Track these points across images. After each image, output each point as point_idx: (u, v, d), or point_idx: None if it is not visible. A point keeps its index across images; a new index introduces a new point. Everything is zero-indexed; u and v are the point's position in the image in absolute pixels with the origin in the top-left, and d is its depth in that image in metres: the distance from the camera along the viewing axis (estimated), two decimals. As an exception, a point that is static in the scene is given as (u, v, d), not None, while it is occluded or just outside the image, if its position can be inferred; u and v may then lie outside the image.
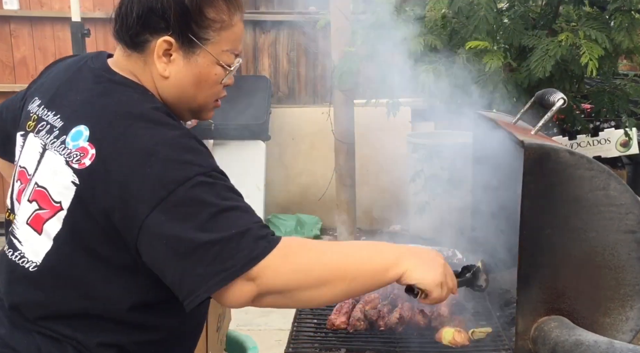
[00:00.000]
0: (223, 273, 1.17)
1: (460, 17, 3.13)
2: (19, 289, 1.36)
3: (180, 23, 1.31)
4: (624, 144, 4.22)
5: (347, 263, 1.28)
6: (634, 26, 2.89)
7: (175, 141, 1.24)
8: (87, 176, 1.26)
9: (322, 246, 1.31)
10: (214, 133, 5.22)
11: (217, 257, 1.17)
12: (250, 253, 1.18)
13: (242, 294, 1.20)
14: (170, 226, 1.18)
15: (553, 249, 1.59)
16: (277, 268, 1.20)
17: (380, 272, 1.31)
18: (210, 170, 1.24)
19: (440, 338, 1.79)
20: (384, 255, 1.34)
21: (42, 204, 1.32)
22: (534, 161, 1.55)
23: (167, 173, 1.20)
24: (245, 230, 1.19)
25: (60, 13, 5.26)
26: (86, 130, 1.28)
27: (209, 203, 1.19)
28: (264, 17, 5.71)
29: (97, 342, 1.32)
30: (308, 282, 1.24)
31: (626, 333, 1.63)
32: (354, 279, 1.27)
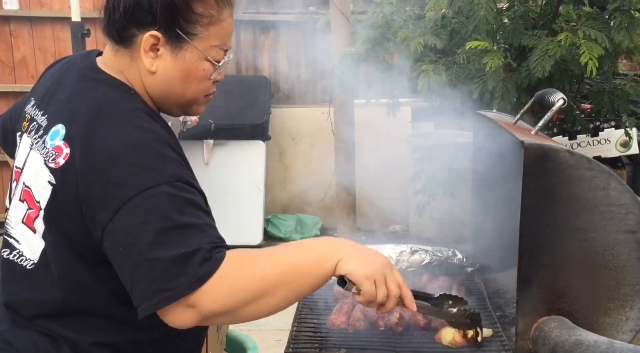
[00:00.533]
0: (165, 293, 1.15)
1: (460, 17, 3.12)
2: (15, 288, 1.37)
3: (167, 17, 1.29)
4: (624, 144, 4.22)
5: (281, 269, 1.24)
6: (634, 26, 2.89)
7: (143, 145, 1.22)
8: (61, 176, 1.25)
9: (259, 257, 1.26)
10: (214, 133, 5.22)
11: (162, 276, 1.15)
12: (192, 277, 1.15)
13: (184, 318, 1.19)
14: (125, 234, 1.17)
15: (553, 249, 1.60)
16: (213, 294, 1.17)
17: (316, 268, 1.26)
18: (175, 180, 1.21)
19: (440, 338, 1.79)
20: (316, 249, 1.29)
21: (30, 204, 1.33)
22: (534, 161, 1.55)
23: (129, 179, 1.18)
24: (194, 251, 1.16)
25: (60, 13, 5.26)
26: (62, 129, 1.28)
27: (165, 216, 1.17)
28: (264, 17, 5.70)
29: (91, 341, 1.32)
30: (246, 299, 1.21)
31: (626, 333, 1.63)
32: (292, 281, 1.24)
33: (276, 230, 5.48)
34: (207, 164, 5.29)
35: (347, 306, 1.93)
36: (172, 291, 1.15)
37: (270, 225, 5.52)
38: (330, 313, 1.92)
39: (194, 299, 1.16)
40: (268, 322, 4.03)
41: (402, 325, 1.85)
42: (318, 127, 5.51)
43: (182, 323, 1.20)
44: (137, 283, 1.17)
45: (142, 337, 1.36)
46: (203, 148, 5.28)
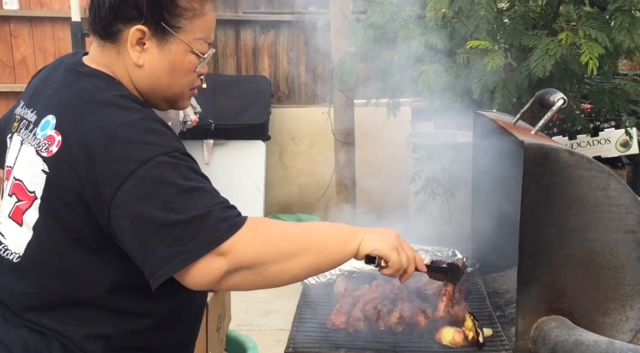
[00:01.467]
0: (183, 254, 1.18)
1: (460, 16, 3.12)
2: (3, 282, 1.38)
3: (152, 11, 1.32)
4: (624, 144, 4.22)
5: (312, 237, 1.33)
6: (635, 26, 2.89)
7: (137, 123, 1.25)
8: (55, 163, 1.28)
9: (287, 224, 1.36)
10: (214, 133, 5.22)
11: (177, 239, 1.18)
12: (211, 235, 1.19)
13: (210, 271, 1.20)
14: (133, 206, 1.19)
15: (553, 249, 1.59)
16: (248, 241, 1.22)
17: (342, 245, 1.37)
18: (173, 151, 1.24)
19: (440, 338, 1.79)
20: (342, 230, 1.40)
21: (20, 196, 1.35)
22: (534, 161, 1.55)
23: (128, 154, 1.21)
24: (207, 213, 1.20)
25: (60, 13, 5.25)
26: (53, 119, 1.31)
27: (171, 183, 1.20)
28: (264, 17, 5.70)
29: (84, 334, 1.33)
30: (278, 254, 1.26)
31: (626, 333, 1.63)
32: (320, 251, 1.32)
33: (276, 229, 5.48)
34: (207, 164, 5.28)
35: (347, 306, 1.93)
36: (192, 251, 1.18)
37: (270, 225, 5.52)
38: (330, 313, 1.92)
39: (229, 246, 1.20)
40: (268, 322, 4.03)
41: (402, 325, 1.85)
42: (318, 127, 5.51)
43: (206, 278, 1.21)
44: (152, 251, 1.18)
45: (135, 327, 1.36)
46: (203, 148, 5.28)
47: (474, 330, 1.76)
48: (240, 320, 3.72)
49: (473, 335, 1.75)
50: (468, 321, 1.79)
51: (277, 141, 5.65)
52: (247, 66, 5.80)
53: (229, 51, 5.74)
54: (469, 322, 1.78)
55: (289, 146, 5.76)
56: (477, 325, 1.77)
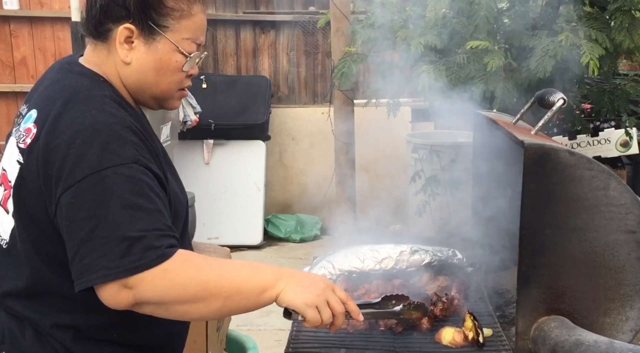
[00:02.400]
0: (104, 271, 1.22)
1: (460, 17, 3.12)
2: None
3: (140, 11, 1.36)
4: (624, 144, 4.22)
5: (224, 283, 1.31)
6: (635, 26, 2.89)
7: (105, 127, 1.28)
8: (27, 154, 1.33)
9: (204, 264, 1.32)
10: (214, 133, 5.22)
11: (105, 254, 1.21)
12: (136, 260, 1.22)
13: (118, 298, 1.24)
14: (75, 210, 1.23)
15: (553, 249, 1.59)
16: (153, 282, 1.24)
17: (256, 293, 1.34)
18: (131, 162, 1.27)
19: (440, 338, 1.79)
20: (262, 276, 1.36)
21: (5, 185, 1.41)
22: (534, 161, 1.54)
23: (86, 158, 1.24)
24: (141, 236, 1.22)
25: (60, 13, 5.25)
26: (35, 113, 1.37)
27: (117, 196, 1.23)
28: (264, 17, 5.71)
29: (52, 323, 1.36)
30: (183, 298, 1.27)
31: (626, 333, 1.63)
32: (229, 297, 1.30)
33: (276, 229, 5.48)
34: (207, 164, 5.29)
35: (347, 306, 1.93)
36: (114, 270, 1.22)
37: (270, 225, 5.52)
38: (330, 313, 1.92)
39: (134, 282, 1.23)
40: (268, 322, 4.03)
41: (402, 325, 1.85)
42: (318, 127, 5.51)
43: (115, 303, 1.25)
44: (82, 257, 1.23)
45: (103, 321, 1.38)
46: (203, 148, 5.28)
47: (474, 330, 1.76)
48: (240, 320, 3.72)
49: (473, 335, 1.75)
50: (468, 321, 1.79)
51: (277, 141, 5.65)
52: (247, 66, 5.80)
53: (229, 51, 5.74)
54: (469, 322, 1.78)
55: (289, 146, 5.76)
56: (477, 325, 1.77)
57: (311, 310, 1.37)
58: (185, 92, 1.51)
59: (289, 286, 1.36)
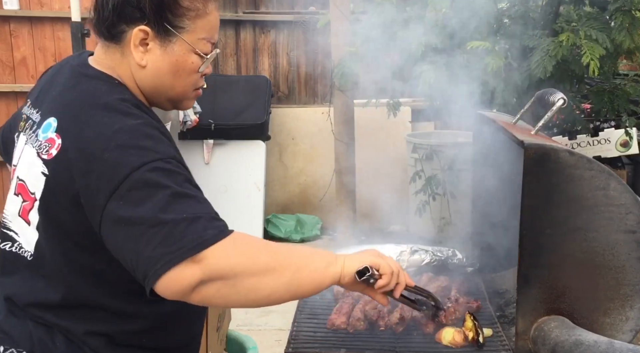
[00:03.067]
0: (168, 256, 1.16)
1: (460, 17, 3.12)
2: (15, 279, 1.39)
3: (155, 12, 1.32)
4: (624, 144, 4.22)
5: (292, 255, 1.31)
6: (635, 26, 2.89)
7: (134, 128, 1.25)
8: (54, 166, 1.29)
9: (267, 241, 1.35)
10: (214, 133, 5.22)
11: (165, 240, 1.16)
12: (197, 238, 1.18)
13: (183, 279, 1.17)
14: (126, 210, 1.19)
15: (553, 249, 1.59)
16: (225, 251, 1.20)
17: (322, 266, 1.33)
18: (169, 157, 1.24)
19: (440, 338, 1.79)
20: (323, 253, 1.38)
21: (24, 196, 1.36)
22: (534, 161, 1.55)
23: (124, 159, 1.21)
24: (196, 218, 1.19)
25: (60, 13, 5.25)
26: (54, 122, 1.32)
27: (163, 186, 1.20)
28: (264, 17, 5.70)
29: (85, 330, 1.34)
30: (254, 267, 1.23)
31: (626, 333, 1.63)
32: (298, 270, 1.28)
33: (276, 229, 5.48)
34: (207, 164, 5.28)
35: (347, 306, 1.93)
36: (177, 252, 1.16)
37: (270, 225, 5.52)
38: (330, 313, 1.92)
39: (204, 254, 1.17)
40: (268, 322, 4.03)
41: (402, 325, 1.85)
42: (318, 127, 5.51)
43: (178, 286, 1.17)
44: (142, 252, 1.17)
45: (135, 327, 1.37)
46: (203, 148, 5.28)
47: (474, 330, 1.76)
48: (240, 320, 3.72)
49: (473, 335, 1.75)
50: (468, 321, 1.79)
51: (277, 141, 5.65)
52: (247, 66, 5.80)
53: (229, 51, 5.74)
54: (469, 322, 1.78)
55: (289, 146, 5.76)
56: (477, 325, 1.77)
57: (381, 259, 1.42)
58: (199, 92, 1.47)
59: (349, 257, 1.39)
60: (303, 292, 1.32)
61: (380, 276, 1.41)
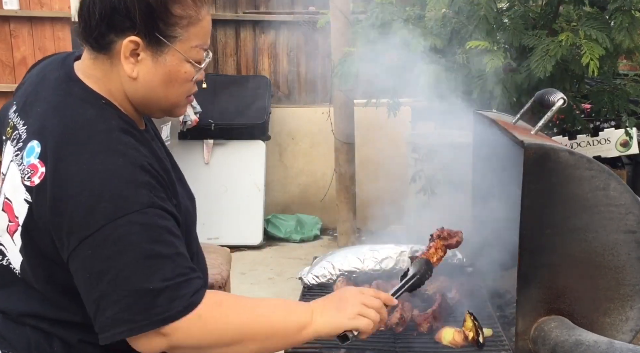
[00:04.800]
0: (131, 324, 1.18)
1: (460, 17, 3.12)
2: (6, 292, 1.38)
3: (146, 22, 1.25)
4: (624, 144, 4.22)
5: (261, 325, 1.30)
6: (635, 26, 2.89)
7: (113, 173, 1.21)
8: (36, 194, 1.25)
9: (238, 306, 1.32)
10: (214, 133, 5.22)
11: (130, 307, 1.17)
12: (162, 312, 1.19)
13: (152, 346, 1.22)
14: (93, 263, 1.18)
15: (553, 249, 1.59)
16: (189, 330, 1.22)
17: (293, 332, 1.33)
18: (146, 207, 1.20)
19: (440, 338, 1.79)
20: (298, 314, 1.35)
21: (10, 217, 1.33)
22: (534, 161, 1.54)
23: (99, 207, 1.18)
24: (165, 287, 1.19)
25: (60, 13, 5.25)
26: (38, 147, 1.26)
27: (135, 246, 1.18)
28: (264, 17, 5.71)
29: (79, 338, 1.34)
30: (220, 342, 1.26)
31: (626, 333, 1.63)
32: (266, 339, 1.29)
33: (276, 230, 5.48)
34: (207, 164, 5.28)
35: (347, 306, 1.93)
36: (141, 322, 1.18)
37: (270, 225, 5.52)
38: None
39: (169, 330, 1.20)
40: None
41: (402, 325, 1.85)
42: (318, 127, 5.51)
43: (149, 349, 1.23)
44: (104, 310, 1.19)
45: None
46: (203, 148, 5.28)
47: (474, 330, 1.76)
48: (240, 320, 3.71)
49: (473, 335, 1.75)
50: (468, 321, 1.79)
51: (277, 141, 5.65)
52: (247, 66, 5.80)
53: (229, 51, 5.74)
54: (469, 322, 1.78)
55: (289, 146, 5.76)
56: (477, 325, 1.77)
57: (358, 320, 1.38)
58: (191, 98, 1.43)
59: (324, 315, 1.36)
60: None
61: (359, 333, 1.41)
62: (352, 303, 1.40)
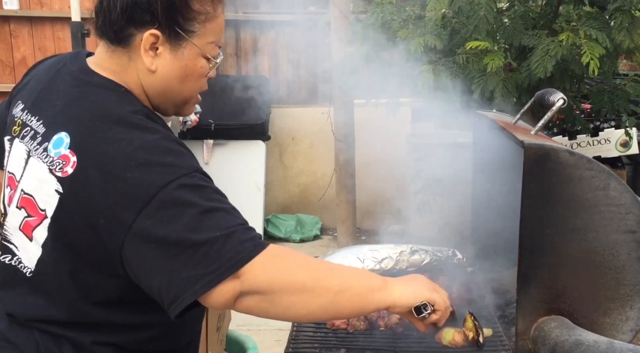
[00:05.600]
0: (208, 276, 1.17)
1: (460, 17, 3.13)
2: (15, 294, 1.36)
3: (166, 16, 1.29)
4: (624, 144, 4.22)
5: (334, 275, 1.28)
6: (635, 26, 2.89)
7: (154, 144, 1.23)
8: (70, 184, 1.25)
9: (309, 257, 1.31)
10: (214, 133, 5.22)
11: (202, 260, 1.17)
12: (235, 255, 1.18)
13: (224, 292, 1.19)
14: (156, 230, 1.17)
15: (553, 249, 1.59)
16: (265, 266, 1.20)
17: (367, 292, 1.31)
18: (192, 171, 1.22)
19: (440, 338, 1.79)
20: (371, 278, 1.36)
21: (30, 211, 1.32)
22: (534, 161, 1.54)
23: (148, 177, 1.19)
24: (230, 233, 1.19)
25: (60, 13, 5.26)
26: (67, 137, 1.27)
27: (192, 204, 1.18)
28: (264, 17, 5.71)
29: (92, 340, 1.32)
30: (293, 285, 1.23)
31: (626, 333, 1.63)
32: (340, 292, 1.26)
33: (276, 229, 5.48)
34: (207, 164, 5.29)
35: (347, 306, 1.93)
36: (217, 271, 1.17)
37: (270, 225, 5.52)
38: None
39: (245, 269, 1.18)
40: (268, 322, 4.03)
41: (402, 325, 1.85)
42: (318, 127, 5.51)
43: (220, 300, 1.20)
44: (178, 273, 1.17)
45: (144, 336, 1.36)
46: (203, 148, 5.28)
47: (474, 330, 1.76)
48: (240, 320, 3.71)
49: (473, 335, 1.75)
50: (468, 321, 1.79)
51: (277, 141, 5.65)
52: (247, 66, 5.80)
53: (229, 51, 5.75)
54: (469, 322, 1.78)
55: (289, 146, 5.76)
56: (477, 325, 1.77)
57: (436, 293, 1.42)
58: (199, 98, 1.46)
59: (400, 284, 1.37)
60: (343, 315, 1.33)
61: (435, 311, 1.42)
62: (426, 281, 1.44)
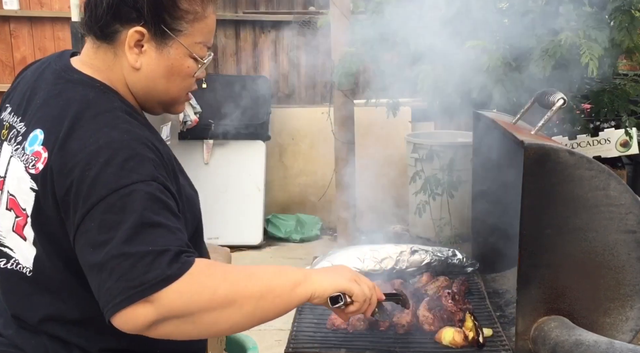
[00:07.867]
0: (129, 291, 1.12)
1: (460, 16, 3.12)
2: (18, 297, 1.35)
3: (152, 13, 1.28)
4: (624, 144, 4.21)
5: (254, 281, 1.25)
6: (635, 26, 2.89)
7: (120, 145, 1.20)
8: (41, 181, 1.24)
9: (229, 267, 1.29)
10: (214, 133, 5.22)
11: (127, 273, 1.12)
12: (161, 274, 1.13)
13: (135, 319, 1.14)
14: (98, 233, 1.15)
15: (553, 249, 1.59)
16: (179, 289, 1.15)
17: (289, 290, 1.29)
18: (149, 179, 1.19)
19: (440, 338, 1.79)
20: (290, 274, 1.33)
21: (17, 212, 1.31)
22: (534, 161, 1.55)
23: (103, 178, 1.16)
24: (163, 250, 1.14)
25: (60, 13, 5.25)
26: (41, 134, 1.26)
27: (136, 213, 1.15)
28: (264, 17, 5.71)
29: (100, 347, 1.31)
30: (212, 303, 1.18)
31: (626, 333, 1.63)
32: (262, 297, 1.23)
33: (276, 229, 5.48)
34: (207, 164, 5.28)
35: (347, 306, 1.93)
36: (138, 288, 1.12)
37: (270, 225, 5.52)
38: (330, 313, 1.92)
39: (158, 294, 1.13)
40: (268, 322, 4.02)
41: (409, 327, 1.85)
42: (318, 127, 5.51)
43: (132, 324, 1.15)
44: (104, 282, 1.13)
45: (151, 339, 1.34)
46: (203, 148, 5.28)
47: (474, 330, 1.76)
48: (240, 320, 3.71)
49: (473, 335, 1.75)
50: (468, 321, 1.79)
51: (277, 141, 5.65)
52: (247, 66, 5.80)
53: (229, 51, 5.74)
54: (469, 322, 1.78)
55: (289, 146, 5.76)
56: (477, 325, 1.77)
57: (354, 284, 1.41)
58: (190, 96, 1.45)
59: (320, 277, 1.36)
60: (268, 318, 1.28)
61: (352, 302, 1.41)
62: (348, 271, 1.45)
